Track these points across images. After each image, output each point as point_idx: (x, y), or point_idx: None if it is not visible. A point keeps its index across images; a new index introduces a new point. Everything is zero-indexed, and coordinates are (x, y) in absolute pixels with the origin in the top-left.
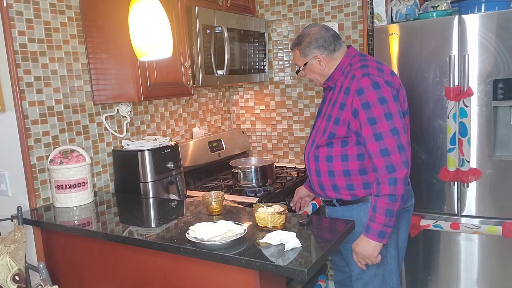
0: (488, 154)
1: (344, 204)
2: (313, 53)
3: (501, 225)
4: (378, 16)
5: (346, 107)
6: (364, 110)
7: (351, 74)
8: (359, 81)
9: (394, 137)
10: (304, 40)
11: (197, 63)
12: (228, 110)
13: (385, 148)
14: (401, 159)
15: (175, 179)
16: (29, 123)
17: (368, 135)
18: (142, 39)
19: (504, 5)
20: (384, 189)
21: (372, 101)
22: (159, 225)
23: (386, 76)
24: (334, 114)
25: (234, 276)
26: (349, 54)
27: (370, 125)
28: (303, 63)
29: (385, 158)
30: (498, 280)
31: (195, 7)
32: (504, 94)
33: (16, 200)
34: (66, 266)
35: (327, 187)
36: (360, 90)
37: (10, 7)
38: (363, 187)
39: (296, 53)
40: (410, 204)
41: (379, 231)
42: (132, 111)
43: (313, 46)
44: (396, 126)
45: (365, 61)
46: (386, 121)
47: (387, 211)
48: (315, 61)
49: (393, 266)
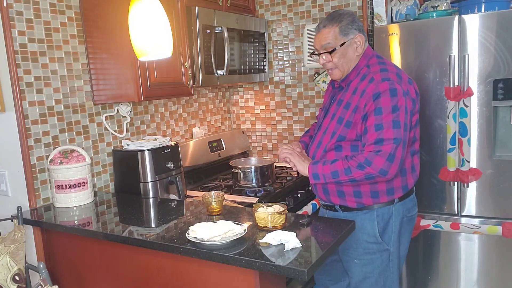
0: (488, 154)
1: (347, 210)
2: (355, 33)
3: (501, 225)
4: (378, 16)
5: (359, 109)
6: (375, 116)
7: (369, 77)
8: (377, 85)
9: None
10: (345, 17)
11: (197, 63)
12: (228, 110)
13: (382, 138)
14: (392, 135)
15: (175, 179)
16: (29, 123)
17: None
18: (142, 39)
19: (504, 5)
20: (360, 157)
21: (385, 107)
22: (159, 225)
23: (404, 85)
24: (346, 116)
25: (234, 276)
26: (366, 54)
27: (375, 130)
28: (340, 43)
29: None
30: (498, 280)
31: (195, 7)
32: (504, 94)
33: (16, 200)
34: (66, 266)
35: (332, 192)
36: (377, 94)
37: (10, 7)
38: (371, 196)
39: (332, 31)
40: (414, 212)
41: (317, 174)
42: (132, 111)
43: (355, 26)
44: (400, 136)
45: (384, 65)
46: (392, 129)
47: (339, 172)
48: (353, 44)
49: (394, 275)
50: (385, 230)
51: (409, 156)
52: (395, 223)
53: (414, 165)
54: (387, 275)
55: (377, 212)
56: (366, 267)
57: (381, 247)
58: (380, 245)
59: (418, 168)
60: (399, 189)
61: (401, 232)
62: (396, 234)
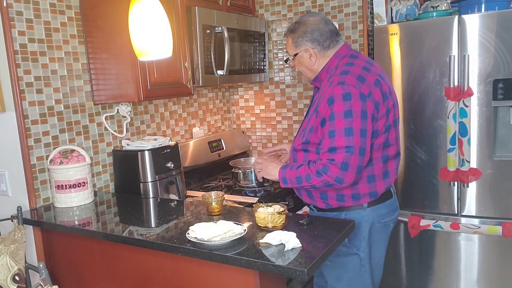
0: (488, 154)
1: (320, 210)
2: (305, 45)
3: (501, 225)
4: (378, 16)
5: (319, 113)
6: (329, 121)
7: (331, 79)
8: (333, 89)
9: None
10: (299, 29)
11: (197, 63)
12: (228, 110)
13: (334, 141)
14: (344, 143)
15: (175, 179)
16: (29, 123)
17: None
18: (142, 39)
19: (504, 5)
20: (319, 165)
21: (338, 112)
22: (159, 225)
23: (364, 88)
24: (311, 120)
25: (234, 276)
26: (339, 54)
27: (329, 137)
28: (293, 53)
29: (331, 139)
30: (498, 280)
31: (195, 7)
32: (504, 94)
33: (16, 200)
34: (66, 266)
35: (303, 192)
36: (331, 99)
37: (10, 7)
38: (337, 199)
39: (289, 41)
40: (389, 219)
41: (285, 178)
42: (132, 111)
43: (307, 38)
44: (352, 144)
45: (350, 66)
46: (344, 137)
47: (302, 178)
48: (306, 54)
49: (367, 282)
50: (355, 235)
51: (380, 162)
52: (364, 229)
53: (388, 171)
54: (361, 280)
55: (345, 215)
56: (337, 270)
57: (350, 251)
58: (349, 249)
59: (393, 174)
60: (366, 195)
61: (372, 239)
62: (365, 240)
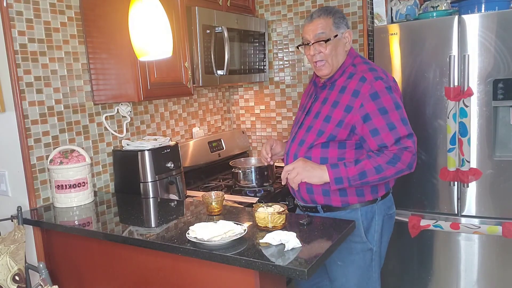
0: (488, 154)
1: (330, 210)
2: (345, 29)
3: (501, 225)
4: (378, 16)
5: (353, 110)
6: (382, 115)
7: (358, 76)
8: (372, 85)
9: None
10: (338, 12)
11: (197, 63)
12: (228, 110)
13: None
14: (407, 132)
15: (175, 179)
16: (29, 123)
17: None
18: (142, 39)
19: (504, 5)
20: (388, 154)
21: (389, 105)
22: (159, 225)
23: (392, 82)
24: (335, 115)
25: (234, 276)
26: (351, 53)
27: (389, 130)
28: (333, 34)
29: (393, 131)
30: (498, 280)
31: (195, 7)
32: (504, 94)
33: (16, 200)
34: (66, 266)
35: (316, 191)
36: (375, 94)
37: (10, 7)
38: (357, 194)
39: (328, 21)
40: (393, 211)
41: (341, 177)
42: (132, 111)
43: (346, 22)
44: (412, 131)
45: (369, 64)
46: (403, 126)
47: (368, 172)
48: (344, 38)
49: (376, 275)
50: (369, 229)
51: None
52: (378, 222)
53: None
54: (369, 275)
55: (360, 211)
56: (348, 268)
57: (365, 247)
58: (364, 245)
59: None
60: (382, 187)
61: (382, 231)
62: (378, 233)
